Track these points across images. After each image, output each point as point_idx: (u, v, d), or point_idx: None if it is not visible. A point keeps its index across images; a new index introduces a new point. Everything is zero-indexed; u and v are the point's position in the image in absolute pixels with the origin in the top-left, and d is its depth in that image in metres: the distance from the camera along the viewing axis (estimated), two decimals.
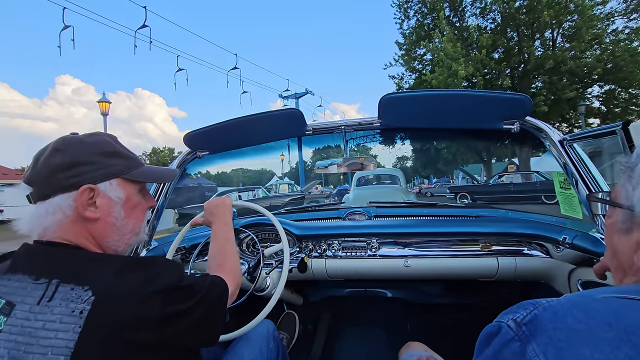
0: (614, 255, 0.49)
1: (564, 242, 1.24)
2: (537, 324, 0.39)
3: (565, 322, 0.37)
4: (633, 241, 0.44)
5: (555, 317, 0.38)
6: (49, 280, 0.54)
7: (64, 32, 8.93)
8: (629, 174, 0.46)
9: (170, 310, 0.56)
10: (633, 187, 0.44)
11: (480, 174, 23.90)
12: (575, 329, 0.36)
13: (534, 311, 0.40)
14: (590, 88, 14.08)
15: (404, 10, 16.29)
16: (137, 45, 10.52)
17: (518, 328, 0.39)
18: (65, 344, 0.49)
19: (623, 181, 0.47)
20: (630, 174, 0.45)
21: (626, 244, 0.46)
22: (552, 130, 1.22)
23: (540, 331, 0.38)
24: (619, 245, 0.47)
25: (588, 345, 0.34)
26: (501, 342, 0.40)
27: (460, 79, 12.67)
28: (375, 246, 1.53)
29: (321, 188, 25.93)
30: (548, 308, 0.39)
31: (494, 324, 0.43)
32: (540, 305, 0.40)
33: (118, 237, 0.68)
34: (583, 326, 0.36)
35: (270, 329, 1.11)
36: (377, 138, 1.94)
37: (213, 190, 13.48)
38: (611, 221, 0.50)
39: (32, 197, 0.61)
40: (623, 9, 12.72)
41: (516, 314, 0.41)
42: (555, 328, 0.37)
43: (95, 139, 0.67)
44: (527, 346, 0.37)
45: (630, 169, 0.45)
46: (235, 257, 0.93)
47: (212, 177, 30.62)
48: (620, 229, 0.47)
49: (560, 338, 0.36)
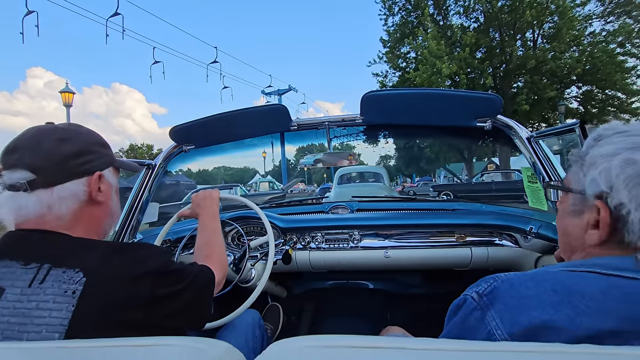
0: (565, 235, 0.56)
1: (531, 232, 1.31)
2: (496, 294, 0.45)
3: (519, 291, 0.43)
4: (584, 222, 0.50)
5: (512, 287, 0.44)
6: (40, 265, 0.56)
7: (28, 18, 8.37)
8: (580, 163, 0.51)
9: (158, 292, 0.58)
10: (584, 173, 0.49)
11: (462, 172, 24.25)
12: (526, 296, 0.42)
13: (493, 284, 0.46)
14: (569, 88, 14.38)
15: (389, 7, 16.18)
16: (110, 35, 10.02)
17: (480, 298, 0.46)
18: (60, 322, 0.51)
19: (575, 169, 0.53)
20: (581, 163, 0.51)
21: (577, 225, 0.51)
22: (521, 128, 1.31)
23: (498, 300, 0.44)
24: (570, 226, 0.54)
25: (537, 309, 0.40)
26: (466, 312, 0.47)
27: (444, 77, 12.62)
28: (357, 238, 1.58)
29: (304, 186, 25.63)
30: (506, 280, 0.46)
31: (461, 297, 0.50)
32: (500, 279, 0.47)
33: (110, 221, 0.73)
34: (532, 292, 0.42)
35: (255, 318, 1.15)
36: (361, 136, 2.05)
37: (192, 187, 13.04)
38: (563, 206, 0.56)
39: (33, 184, 0.59)
40: (600, 12, 13.00)
41: (479, 286, 0.48)
42: (510, 296, 0.43)
43: (85, 129, 0.70)
44: (487, 313, 0.44)
45: (581, 158, 0.51)
46: (222, 248, 0.96)
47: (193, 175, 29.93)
48: (571, 211, 0.53)
49: (514, 304, 0.42)
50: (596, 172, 0.47)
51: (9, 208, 0.60)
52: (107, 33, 9.98)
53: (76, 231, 0.64)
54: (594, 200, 0.47)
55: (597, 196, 0.47)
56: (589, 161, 0.49)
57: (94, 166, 0.66)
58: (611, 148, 0.47)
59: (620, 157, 0.45)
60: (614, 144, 0.47)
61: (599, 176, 0.46)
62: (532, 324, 0.40)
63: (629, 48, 12.70)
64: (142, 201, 1.45)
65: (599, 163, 0.47)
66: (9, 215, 0.61)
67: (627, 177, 0.43)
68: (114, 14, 9.95)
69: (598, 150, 0.48)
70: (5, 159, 0.61)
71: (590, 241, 0.48)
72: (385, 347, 0.37)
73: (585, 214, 0.49)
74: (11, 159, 0.60)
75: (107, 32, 9.96)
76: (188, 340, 0.42)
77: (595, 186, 0.47)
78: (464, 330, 0.47)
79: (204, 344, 0.41)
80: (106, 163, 0.70)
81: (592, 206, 0.48)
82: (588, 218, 0.48)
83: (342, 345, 0.37)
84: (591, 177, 0.47)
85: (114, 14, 9.95)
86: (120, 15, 9.95)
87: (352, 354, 0.36)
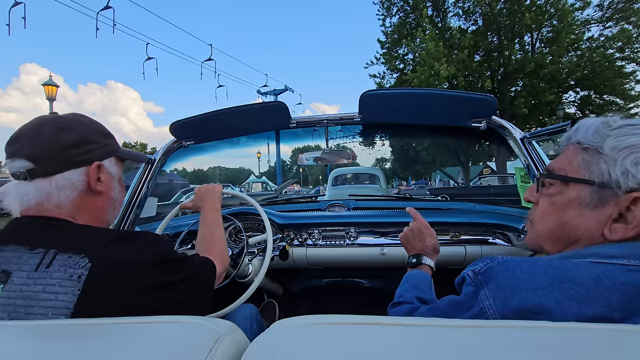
0: (561, 228, 0.53)
1: (523, 231, 1.33)
2: (491, 274, 0.46)
3: (513, 273, 0.44)
4: (605, 215, 0.47)
5: (507, 269, 0.45)
6: (46, 250, 0.57)
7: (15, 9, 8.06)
8: (592, 152, 0.49)
9: (161, 279, 0.60)
10: (607, 164, 0.47)
11: (457, 176, 24.20)
12: (519, 278, 0.43)
13: (489, 263, 0.48)
14: (567, 93, 14.32)
15: (387, 8, 16.05)
16: (101, 29, 9.74)
17: (475, 276, 0.48)
18: (65, 305, 0.52)
19: (587, 158, 0.50)
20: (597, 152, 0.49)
21: (592, 218, 0.49)
22: (515, 128, 1.34)
23: (492, 279, 0.46)
24: (577, 219, 0.51)
25: (528, 291, 0.42)
26: (460, 288, 0.51)
27: (442, 79, 12.46)
28: (353, 235, 1.59)
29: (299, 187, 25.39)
30: (502, 262, 0.47)
31: (460, 275, 0.52)
32: (496, 260, 0.48)
33: (112, 210, 0.73)
34: (526, 275, 0.43)
35: (253, 313, 1.16)
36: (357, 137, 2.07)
37: (185, 187, 12.77)
38: (567, 198, 0.52)
39: (32, 173, 0.61)
40: (599, 17, 12.95)
41: (476, 265, 0.50)
42: (505, 277, 0.45)
43: (88, 119, 0.70)
44: (480, 291, 0.46)
45: (594, 149, 0.49)
46: (223, 242, 0.98)
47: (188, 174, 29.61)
48: (584, 204, 0.50)
49: (507, 285, 0.44)
50: (629, 163, 0.45)
51: (14, 195, 0.62)
52: (98, 27, 9.76)
53: (80, 219, 0.65)
54: (626, 194, 0.45)
55: (631, 189, 0.45)
56: (612, 151, 0.47)
57: (94, 156, 0.67)
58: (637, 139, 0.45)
59: None
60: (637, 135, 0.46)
61: (633, 167, 0.44)
62: (522, 307, 0.41)
63: (628, 53, 12.67)
64: (141, 196, 1.46)
65: (630, 152, 0.45)
66: (15, 202, 0.62)
67: None
68: (104, 7, 9.71)
69: (624, 140, 0.46)
70: (8, 148, 0.63)
71: (614, 235, 0.47)
72: (387, 324, 0.39)
73: (607, 207, 0.47)
74: (13, 148, 0.62)
75: (98, 27, 9.74)
76: (194, 318, 0.44)
77: (631, 178, 0.45)
78: (456, 305, 0.49)
79: (209, 322, 0.43)
80: (107, 153, 0.70)
81: (620, 199, 0.46)
82: (611, 211, 0.46)
83: (345, 322, 0.39)
84: (622, 168, 0.45)
85: (105, 7, 9.72)
86: (112, 8, 9.73)
87: (355, 330, 0.38)
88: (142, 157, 0.97)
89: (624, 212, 0.46)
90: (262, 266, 1.16)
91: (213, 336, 0.39)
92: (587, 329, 0.35)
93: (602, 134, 0.49)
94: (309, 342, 0.37)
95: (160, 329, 0.43)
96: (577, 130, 0.54)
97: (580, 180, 0.50)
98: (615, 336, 0.34)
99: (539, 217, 0.58)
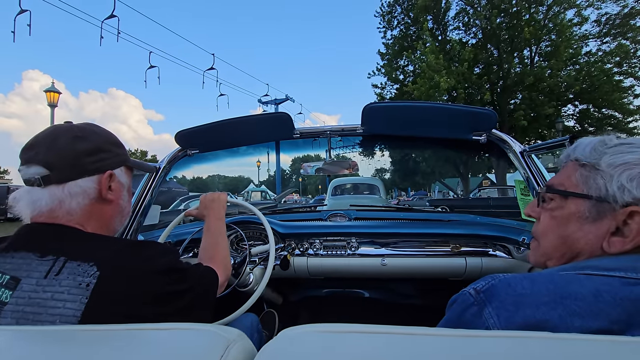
0: (563, 242, 0.55)
1: (523, 243, 1.34)
2: (493, 292, 0.46)
3: (515, 289, 0.44)
4: (603, 229, 0.49)
5: (509, 286, 0.45)
6: (56, 257, 0.57)
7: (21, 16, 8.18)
8: (589, 168, 0.52)
9: (166, 289, 0.60)
10: (604, 179, 0.49)
11: (457, 187, 24.18)
12: (522, 294, 0.44)
13: (491, 282, 0.47)
14: (566, 107, 14.41)
15: (388, 21, 16.32)
16: (105, 37, 9.86)
17: (477, 295, 0.47)
18: (73, 313, 0.53)
19: (585, 174, 0.52)
20: (594, 168, 0.51)
21: (591, 232, 0.51)
22: (514, 142, 1.36)
23: (495, 297, 0.45)
24: (578, 233, 0.52)
25: (531, 307, 0.42)
26: (462, 306, 0.48)
27: (442, 91, 12.56)
28: (354, 245, 1.60)
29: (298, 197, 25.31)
30: (503, 280, 0.47)
31: (460, 292, 0.51)
32: (497, 278, 0.48)
33: (120, 218, 0.75)
34: (528, 291, 0.44)
35: (254, 322, 1.16)
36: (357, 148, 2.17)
37: (184, 195, 12.76)
38: (567, 212, 0.54)
39: (47, 179, 0.62)
40: (597, 32, 13.14)
41: (477, 284, 0.49)
42: (507, 294, 0.45)
43: (101, 129, 0.72)
44: (484, 309, 0.45)
45: (592, 165, 0.51)
46: (227, 251, 0.99)
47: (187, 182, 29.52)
48: (584, 218, 0.52)
49: (510, 302, 0.44)
50: (625, 179, 0.47)
51: (25, 202, 0.63)
52: (102, 35, 9.87)
53: (88, 227, 0.66)
54: (623, 208, 0.47)
55: (627, 204, 0.47)
56: (608, 167, 0.49)
57: (106, 165, 0.69)
58: (635, 156, 0.48)
59: None
60: (634, 153, 0.48)
61: (629, 183, 0.47)
62: (527, 323, 0.41)
63: (626, 68, 12.80)
64: (145, 204, 1.46)
65: (626, 169, 0.47)
66: (26, 209, 0.63)
67: None
68: (109, 16, 9.83)
69: (619, 157, 0.49)
70: (23, 155, 0.63)
71: (613, 248, 0.48)
72: (395, 333, 0.38)
73: (605, 221, 0.49)
74: (28, 155, 0.63)
75: (103, 35, 9.85)
76: (204, 326, 0.44)
77: (627, 193, 0.47)
78: (459, 325, 0.47)
79: (219, 329, 0.43)
80: (119, 162, 0.72)
81: (617, 213, 0.48)
82: (609, 225, 0.48)
83: (353, 331, 0.39)
84: (618, 184, 0.48)
85: (110, 16, 9.84)
86: (117, 17, 9.85)
87: (362, 339, 0.38)
88: (149, 167, 0.98)
89: (621, 226, 0.48)
90: (264, 276, 1.16)
91: (223, 343, 0.39)
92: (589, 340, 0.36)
93: (599, 152, 0.51)
94: (317, 351, 0.37)
95: (169, 336, 0.43)
96: (576, 148, 0.56)
97: (579, 194, 0.53)
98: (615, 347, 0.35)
99: (542, 232, 0.59)
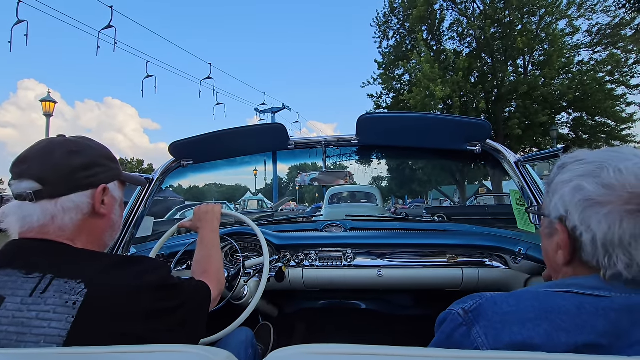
0: (546, 257, 0.59)
1: (520, 254, 1.34)
2: (480, 311, 0.47)
3: (502, 308, 0.46)
4: (554, 244, 0.53)
5: (495, 305, 0.47)
6: (43, 275, 0.55)
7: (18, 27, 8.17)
8: (548, 189, 0.55)
9: (157, 306, 0.59)
10: (550, 198, 0.53)
11: (453, 195, 24.21)
12: (508, 312, 0.45)
13: (479, 301, 0.48)
14: (560, 115, 14.56)
15: (384, 31, 16.51)
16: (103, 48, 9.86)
17: (465, 315, 0.48)
18: (58, 332, 0.51)
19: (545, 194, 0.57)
20: (548, 189, 0.55)
21: (550, 246, 0.55)
22: (509, 152, 1.36)
23: (482, 317, 0.46)
24: (547, 248, 0.57)
25: (517, 324, 0.43)
26: (451, 326, 0.49)
27: (438, 100, 12.65)
28: (350, 256, 1.58)
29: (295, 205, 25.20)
30: (490, 299, 0.48)
31: (447, 311, 0.52)
32: (484, 297, 0.49)
33: (111, 233, 0.73)
34: (514, 309, 0.45)
35: (249, 336, 1.14)
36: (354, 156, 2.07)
37: (181, 204, 12.62)
38: (542, 229, 0.60)
39: (39, 194, 0.60)
40: (588, 42, 13.37)
41: (465, 303, 0.50)
42: (494, 313, 0.46)
43: (96, 143, 0.72)
44: (472, 329, 0.46)
45: (549, 184, 0.55)
46: (220, 264, 0.97)
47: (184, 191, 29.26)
48: (546, 234, 0.57)
49: (497, 320, 0.44)
50: (557, 198, 0.51)
51: (15, 217, 0.61)
52: (99, 45, 9.86)
53: (78, 242, 0.64)
54: (557, 224, 0.51)
55: (559, 219, 0.51)
56: (553, 187, 0.53)
57: (100, 179, 0.67)
58: (568, 175, 0.50)
59: (573, 183, 0.49)
60: (571, 171, 0.51)
61: (558, 201, 0.51)
62: (513, 341, 0.42)
63: (618, 77, 12.99)
64: (138, 215, 1.43)
65: (559, 189, 0.51)
66: (15, 224, 0.61)
67: (577, 202, 0.47)
68: (106, 26, 9.85)
69: (560, 177, 0.52)
70: (14, 169, 0.62)
71: (559, 261, 0.52)
72: (384, 355, 0.38)
73: (555, 237, 0.52)
74: (20, 169, 0.61)
75: (100, 45, 9.84)
76: (191, 348, 0.43)
77: (556, 210, 0.51)
78: (449, 345, 0.48)
79: (207, 351, 0.42)
80: (112, 177, 0.72)
81: (557, 229, 0.51)
82: (557, 240, 0.52)
83: (342, 353, 0.38)
84: (554, 202, 0.52)
85: (107, 26, 9.86)
86: (113, 27, 9.87)
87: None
88: (141, 181, 0.99)
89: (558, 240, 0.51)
90: (259, 289, 1.14)
91: None
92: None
93: (554, 172, 0.55)
94: None
95: (155, 359, 0.42)
96: None
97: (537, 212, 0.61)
98: None
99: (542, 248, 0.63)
